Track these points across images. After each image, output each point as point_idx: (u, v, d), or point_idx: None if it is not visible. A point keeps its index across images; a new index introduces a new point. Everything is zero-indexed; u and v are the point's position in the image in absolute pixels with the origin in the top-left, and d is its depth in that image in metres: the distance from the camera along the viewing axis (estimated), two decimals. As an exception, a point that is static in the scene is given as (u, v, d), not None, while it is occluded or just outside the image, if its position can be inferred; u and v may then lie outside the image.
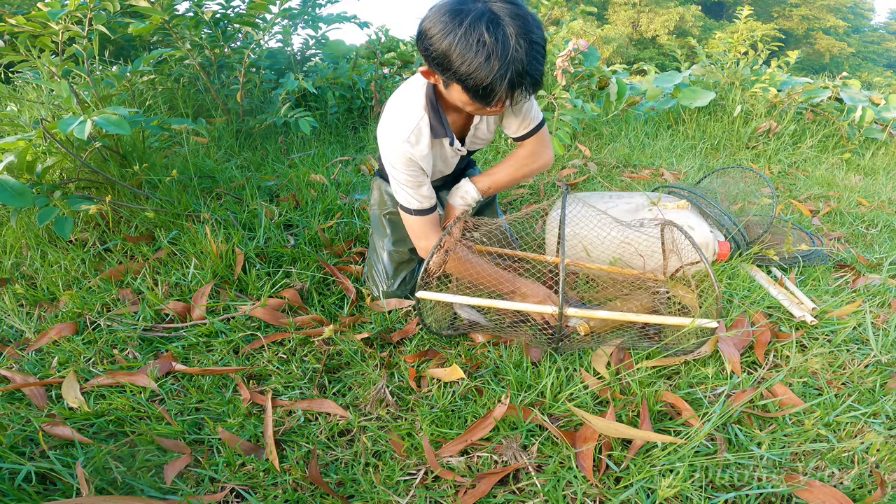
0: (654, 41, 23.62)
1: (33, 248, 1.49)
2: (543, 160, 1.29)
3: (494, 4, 0.89)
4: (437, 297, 1.09)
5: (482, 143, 1.31)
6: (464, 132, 1.24)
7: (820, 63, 24.20)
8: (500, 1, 0.89)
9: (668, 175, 2.41)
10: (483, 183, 1.27)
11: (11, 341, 1.21)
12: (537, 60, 0.91)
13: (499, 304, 1.06)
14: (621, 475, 0.86)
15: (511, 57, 0.88)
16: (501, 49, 0.87)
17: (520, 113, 1.21)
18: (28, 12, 1.59)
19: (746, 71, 3.16)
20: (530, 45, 0.89)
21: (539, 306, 1.04)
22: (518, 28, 0.88)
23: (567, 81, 2.69)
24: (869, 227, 1.96)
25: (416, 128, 1.10)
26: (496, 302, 1.07)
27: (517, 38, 0.87)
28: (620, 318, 1.03)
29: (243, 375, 1.09)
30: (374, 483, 0.85)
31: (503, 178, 1.28)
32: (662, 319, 1.01)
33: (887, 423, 0.96)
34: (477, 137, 1.26)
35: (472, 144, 1.28)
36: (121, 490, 0.83)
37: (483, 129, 1.25)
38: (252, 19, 2.42)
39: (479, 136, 1.26)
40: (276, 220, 1.64)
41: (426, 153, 1.13)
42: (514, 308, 1.06)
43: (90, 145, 1.59)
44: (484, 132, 1.26)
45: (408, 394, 1.06)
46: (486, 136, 1.28)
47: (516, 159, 1.27)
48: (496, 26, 0.87)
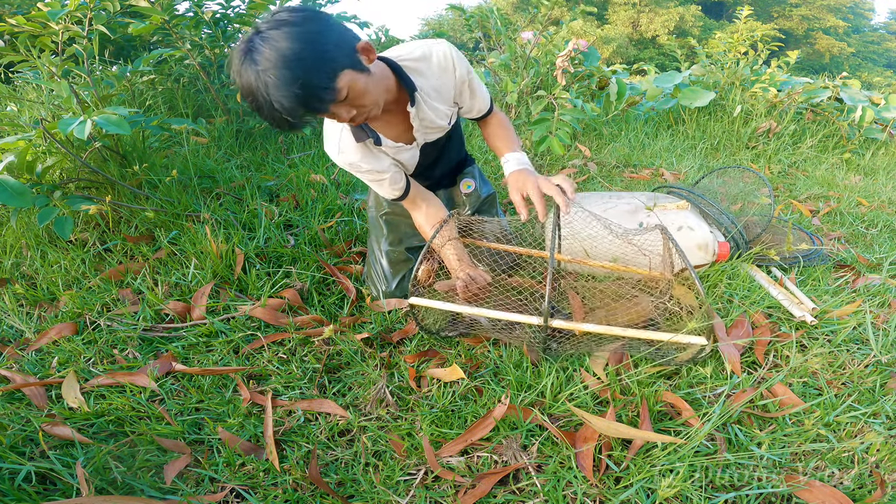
0: (654, 41, 23.62)
1: (33, 248, 1.49)
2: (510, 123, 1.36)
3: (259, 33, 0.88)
4: (429, 303, 1.11)
5: (439, 131, 1.26)
6: (405, 127, 1.21)
7: (820, 63, 24.20)
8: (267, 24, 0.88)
9: (668, 175, 2.41)
10: (517, 146, 1.27)
11: (11, 341, 1.21)
12: (277, 89, 0.86)
13: (487, 312, 1.07)
14: (621, 475, 0.86)
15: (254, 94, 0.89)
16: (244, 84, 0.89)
17: (475, 94, 1.25)
18: (28, 12, 1.59)
19: (746, 71, 3.16)
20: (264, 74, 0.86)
21: (523, 316, 1.03)
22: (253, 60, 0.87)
23: (567, 81, 2.69)
24: (869, 227, 1.96)
25: (339, 137, 1.16)
26: (484, 311, 1.07)
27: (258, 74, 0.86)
28: (606, 331, 1.00)
29: (243, 375, 1.09)
30: (374, 483, 0.85)
31: (515, 136, 1.31)
32: (651, 335, 0.99)
33: (887, 423, 0.96)
34: (427, 128, 1.22)
35: (426, 135, 1.25)
36: (121, 490, 0.83)
37: (429, 118, 1.19)
38: (252, 19, 2.42)
39: (428, 125, 1.21)
40: (276, 220, 1.64)
41: (359, 157, 1.16)
42: (501, 318, 1.06)
43: (90, 145, 1.59)
44: (432, 120, 1.20)
45: (408, 394, 1.06)
46: (438, 124, 1.23)
47: (506, 123, 1.32)
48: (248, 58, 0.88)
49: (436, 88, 1.17)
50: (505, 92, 2.73)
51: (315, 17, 0.91)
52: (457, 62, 1.16)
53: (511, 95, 2.69)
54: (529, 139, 2.57)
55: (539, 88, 2.79)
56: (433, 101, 1.18)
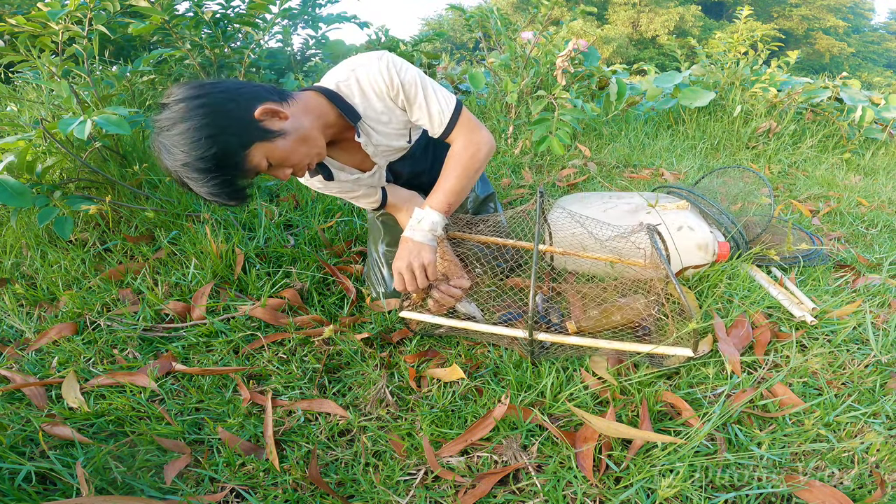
0: (654, 41, 23.62)
1: (33, 248, 1.49)
2: (481, 142, 1.10)
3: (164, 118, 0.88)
4: (419, 317, 1.12)
5: (398, 152, 1.20)
6: (363, 154, 1.16)
7: (820, 63, 24.20)
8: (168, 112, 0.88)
9: (668, 175, 2.41)
10: (438, 201, 1.09)
11: (11, 341, 1.21)
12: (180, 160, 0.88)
13: (473, 325, 1.08)
14: (621, 475, 0.86)
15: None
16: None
17: (421, 111, 1.07)
18: (28, 12, 1.59)
19: (746, 71, 3.16)
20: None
21: (510, 330, 1.02)
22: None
23: (567, 81, 2.69)
24: (869, 227, 1.96)
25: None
26: (470, 324, 1.08)
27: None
28: (592, 344, 1.00)
29: (243, 375, 1.09)
30: (374, 483, 0.85)
31: (454, 183, 1.08)
32: (637, 347, 0.99)
33: (887, 423, 0.96)
34: (384, 151, 1.17)
35: (388, 157, 1.20)
36: (121, 490, 0.83)
37: (383, 143, 1.14)
38: (252, 19, 2.42)
39: (384, 149, 1.16)
40: (276, 220, 1.64)
41: (322, 186, 1.22)
42: (487, 331, 1.06)
43: (90, 145, 1.59)
44: (387, 144, 1.15)
45: (408, 394, 1.06)
46: (394, 146, 1.17)
47: (456, 158, 1.09)
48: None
49: (378, 110, 1.08)
50: (505, 92, 2.73)
51: (199, 106, 0.86)
52: (386, 78, 1.03)
53: (511, 95, 2.69)
54: (529, 139, 2.57)
55: (539, 88, 2.79)
56: (381, 127, 1.11)
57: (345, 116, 1.04)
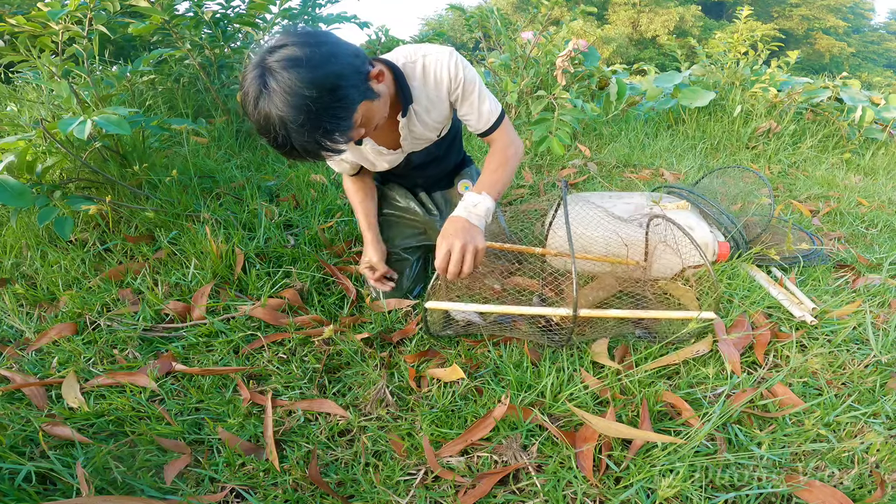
0: (654, 41, 23.61)
1: (33, 248, 1.49)
2: (519, 145, 1.22)
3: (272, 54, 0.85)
4: (446, 305, 1.08)
5: (426, 142, 1.25)
6: (394, 135, 1.19)
7: (820, 63, 24.19)
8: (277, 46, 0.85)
9: (668, 175, 2.41)
10: (489, 189, 1.13)
11: (11, 341, 1.21)
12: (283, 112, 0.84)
13: (508, 309, 1.06)
14: (621, 475, 0.86)
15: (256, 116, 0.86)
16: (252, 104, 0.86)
17: (472, 107, 1.15)
18: (28, 12, 1.59)
19: (746, 71, 3.17)
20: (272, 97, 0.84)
21: (552, 309, 1.04)
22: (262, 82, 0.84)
23: (567, 81, 2.69)
24: (869, 227, 1.96)
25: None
26: (505, 308, 1.07)
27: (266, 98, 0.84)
28: (629, 315, 1.04)
29: (243, 375, 1.09)
30: (374, 483, 0.85)
31: (501, 174, 1.15)
32: (670, 314, 1.04)
33: (887, 423, 0.96)
34: (415, 139, 1.21)
35: (413, 145, 1.24)
36: (121, 490, 0.83)
37: (418, 130, 1.19)
38: (252, 19, 2.42)
39: (416, 137, 1.21)
40: (276, 220, 1.64)
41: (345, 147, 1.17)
42: (524, 313, 1.06)
43: (90, 145, 1.59)
44: (421, 132, 1.20)
45: (408, 394, 1.06)
46: (427, 136, 1.22)
47: (501, 154, 1.18)
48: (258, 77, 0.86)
49: (430, 98, 1.14)
50: (505, 92, 2.73)
51: (328, 55, 0.86)
52: (451, 72, 1.10)
53: (511, 95, 2.69)
54: (529, 139, 2.57)
55: (539, 88, 2.79)
56: (424, 115, 1.16)
57: (400, 96, 1.08)
